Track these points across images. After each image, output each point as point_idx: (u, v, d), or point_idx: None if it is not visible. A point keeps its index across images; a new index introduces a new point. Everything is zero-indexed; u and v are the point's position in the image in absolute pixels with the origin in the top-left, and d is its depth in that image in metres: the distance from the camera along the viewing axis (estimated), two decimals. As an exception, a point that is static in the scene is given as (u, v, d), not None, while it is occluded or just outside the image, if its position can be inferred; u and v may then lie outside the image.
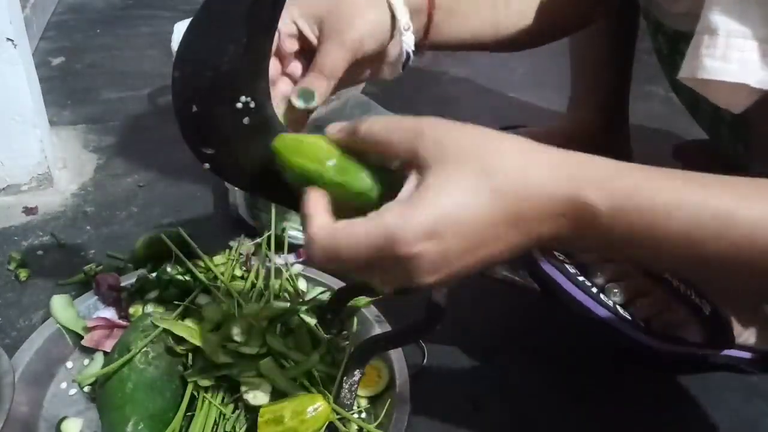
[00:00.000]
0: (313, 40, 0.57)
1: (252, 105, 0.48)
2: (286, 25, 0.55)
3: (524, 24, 0.72)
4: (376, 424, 0.59)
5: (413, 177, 0.39)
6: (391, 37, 0.60)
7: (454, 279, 0.40)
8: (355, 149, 0.43)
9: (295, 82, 0.57)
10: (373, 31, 0.57)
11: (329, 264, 0.40)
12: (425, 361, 0.72)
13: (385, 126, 0.41)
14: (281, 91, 0.56)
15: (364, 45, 0.56)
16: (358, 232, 0.38)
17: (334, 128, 0.44)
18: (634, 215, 0.38)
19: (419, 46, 0.64)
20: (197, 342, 0.62)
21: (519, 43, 0.74)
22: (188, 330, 0.63)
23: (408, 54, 0.62)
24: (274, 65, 0.56)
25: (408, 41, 0.61)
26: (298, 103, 0.54)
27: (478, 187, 0.38)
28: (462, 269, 0.39)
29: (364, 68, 0.62)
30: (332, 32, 0.55)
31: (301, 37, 0.57)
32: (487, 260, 0.40)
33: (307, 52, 0.57)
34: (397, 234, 0.37)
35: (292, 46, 0.56)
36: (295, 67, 0.58)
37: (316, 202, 0.42)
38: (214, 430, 0.58)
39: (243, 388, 0.59)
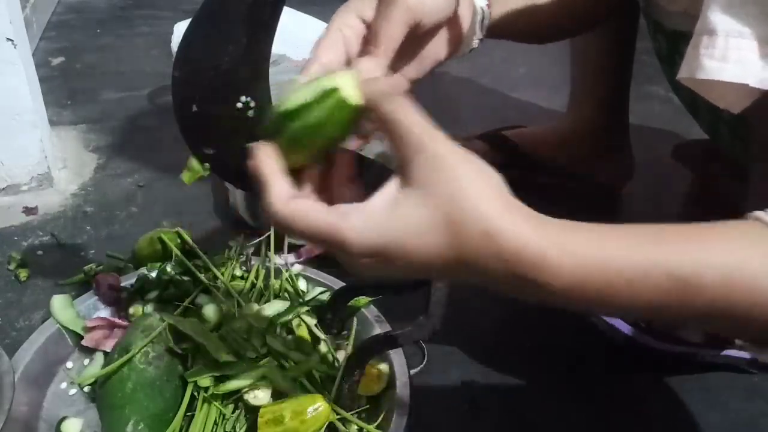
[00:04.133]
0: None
1: (252, 105, 0.48)
2: (349, 26, 0.51)
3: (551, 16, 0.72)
4: (376, 424, 0.59)
5: (394, 184, 0.39)
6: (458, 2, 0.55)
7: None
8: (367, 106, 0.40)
9: None
10: None
11: (279, 229, 0.41)
12: (425, 361, 0.71)
13: (408, 119, 0.39)
14: None
15: (423, 2, 0.51)
16: (313, 219, 0.39)
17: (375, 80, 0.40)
18: (597, 293, 0.38)
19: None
20: (202, 339, 0.62)
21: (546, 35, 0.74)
22: (192, 325, 0.63)
23: (483, 13, 0.59)
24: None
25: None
26: None
27: (443, 235, 0.37)
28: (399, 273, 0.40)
29: (435, 41, 0.57)
30: None
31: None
32: (426, 273, 0.41)
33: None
34: (347, 242, 0.38)
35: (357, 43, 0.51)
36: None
37: (269, 162, 0.42)
38: (214, 430, 0.58)
39: (243, 389, 0.59)
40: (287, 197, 0.40)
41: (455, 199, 0.37)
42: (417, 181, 0.38)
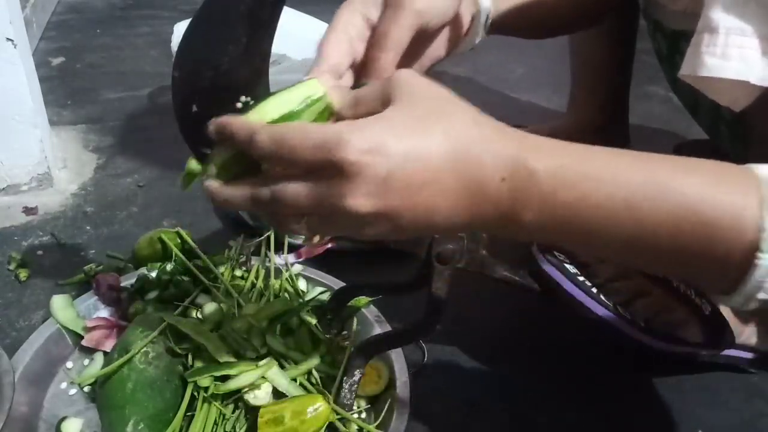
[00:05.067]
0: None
1: (252, 105, 0.48)
2: (354, 26, 0.51)
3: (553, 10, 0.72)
4: (376, 424, 0.59)
5: (379, 107, 0.40)
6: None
7: (390, 226, 0.39)
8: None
9: None
10: None
11: (271, 153, 0.39)
12: (425, 361, 0.72)
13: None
14: None
15: (431, 6, 0.52)
16: (309, 127, 0.39)
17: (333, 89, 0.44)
18: (575, 180, 0.39)
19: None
20: (201, 339, 0.62)
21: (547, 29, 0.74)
22: (192, 325, 0.63)
23: (488, 12, 0.59)
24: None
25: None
26: None
27: (433, 126, 0.39)
28: (400, 213, 0.38)
29: (436, 40, 0.58)
30: None
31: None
32: (426, 211, 0.39)
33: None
34: (344, 137, 0.37)
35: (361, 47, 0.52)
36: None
37: (231, 119, 0.42)
38: (214, 430, 0.58)
39: (243, 389, 0.59)
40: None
41: (438, 100, 0.40)
42: (399, 98, 0.40)
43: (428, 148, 0.38)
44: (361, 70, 0.52)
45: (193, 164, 0.51)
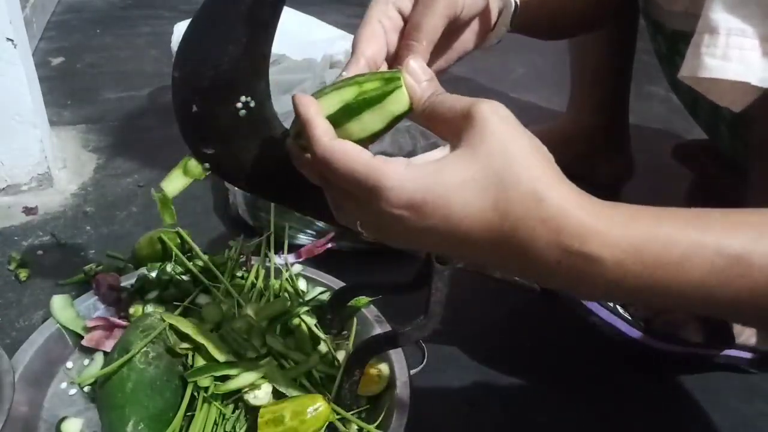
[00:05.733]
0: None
1: (252, 104, 0.48)
2: (388, 18, 0.51)
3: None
4: (376, 424, 0.59)
5: (442, 149, 0.40)
6: None
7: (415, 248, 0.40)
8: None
9: None
10: None
11: (318, 167, 0.41)
12: (425, 361, 0.72)
13: (449, 105, 0.40)
14: None
15: None
16: (355, 158, 0.39)
17: (421, 76, 0.42)
18: (643, 269, 0.36)
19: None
20: (201, 339, 0.62)
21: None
22: (192, 325, 0.63)
23: (516, 4, 0.59)
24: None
25: None
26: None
27: (483, 194, 0.36)
28: (426, 247, 0.39)
29: (465, 32, 0.57)
30: None
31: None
32: (455, 255, 0.39)
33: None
34: (386, 186, 0.37)
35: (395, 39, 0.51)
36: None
37: (313, 105, 0.42)
38: (214, 430, 0.58)
39: (243, 389, 0.59)
40: (332, 135, 0.41)
41: (506, 157, 0.36)
42: (466, 141, 0.37)
43: (474, 217, 0.36)
44: (395, 61, 0.51)
45: (193, 166, 0.51)
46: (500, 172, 0.36)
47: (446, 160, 0.37)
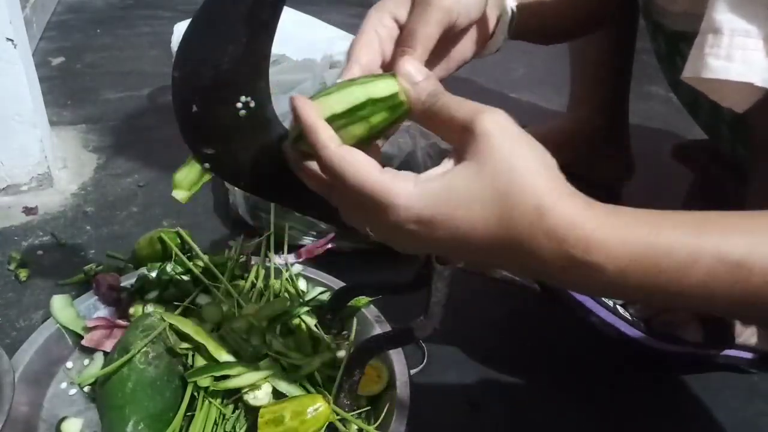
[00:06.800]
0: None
1: (252, 105, 0.48)
2: (384, 27, 0.51)
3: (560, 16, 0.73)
4: (376, 424, 0.59)
5: (448, 161, 0.40)
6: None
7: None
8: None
9: None
10: None
11: (327, 173, 0.41)
12: (425, 361, 0.72)
13: (456, 107, 0.40)
14: None
15: (459, 4, 0.52)
16: (365, 171, 0.39)
17: (415, 76, 0.42)
18: (644, 276, 0.37)
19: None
20: (201, 339, 0.62)
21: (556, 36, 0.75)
22: (192, 325, 0.63)
23: (513, 12, 0.59)
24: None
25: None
26: None
27: (489, 206, 0.37)
28: (433, 253, 0.41)
29: (463, 40, 0.58)
30: None
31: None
32: (461, 260, 0.40)
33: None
34: (395, 203, 0.38)
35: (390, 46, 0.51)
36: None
37: (313, 109, 0.42)
38: (214, 430, 0.58)
39: (243, 389, 0.59)
40: (339, 142, 0.41)
41: (510, 173, 0.37)
42: (470, 156, 0.38)
43: (480, 231, 0.38)
44: (390, 69, 0.51)
45: (194, 169, 0.51)
46: (505, 189, 0.37)
47: (453, 176, 0.38)
